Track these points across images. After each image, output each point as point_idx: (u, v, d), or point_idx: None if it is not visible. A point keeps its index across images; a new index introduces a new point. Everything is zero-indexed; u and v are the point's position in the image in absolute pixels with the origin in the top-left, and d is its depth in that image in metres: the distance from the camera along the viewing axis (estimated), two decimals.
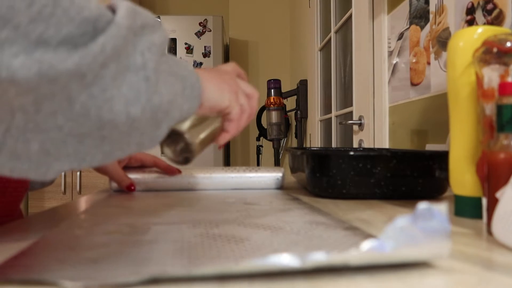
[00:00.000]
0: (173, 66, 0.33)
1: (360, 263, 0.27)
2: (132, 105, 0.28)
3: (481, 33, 0.47)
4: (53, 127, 0.26)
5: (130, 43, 0.28)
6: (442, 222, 0.26)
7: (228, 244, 0.35)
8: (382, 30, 1.36)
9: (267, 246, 0.34)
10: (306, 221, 0.45)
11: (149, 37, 0.30)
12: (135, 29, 0.29)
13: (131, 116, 0.29)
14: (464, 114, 0.48)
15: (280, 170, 0.78)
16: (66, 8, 0.24)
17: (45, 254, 0.32)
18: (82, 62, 0.24)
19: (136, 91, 0.29)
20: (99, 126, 0.28)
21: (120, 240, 0.36)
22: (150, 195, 0.70)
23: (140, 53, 0.29)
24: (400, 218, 0.26)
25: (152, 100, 0.30)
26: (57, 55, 0.23)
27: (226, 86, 0.43)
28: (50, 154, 0.27)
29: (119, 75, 0.27)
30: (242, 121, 0.47)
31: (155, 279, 0.25)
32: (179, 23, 3.05)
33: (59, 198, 2.88)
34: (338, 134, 2.00)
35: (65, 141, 0.27)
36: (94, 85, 0.26)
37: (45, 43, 0.23)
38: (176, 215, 0.49)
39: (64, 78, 0.24)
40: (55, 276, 0.26)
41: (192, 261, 0.30)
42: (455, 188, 0.50)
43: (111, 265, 0.29)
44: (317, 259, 0.25)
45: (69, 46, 0.24)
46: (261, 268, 0.25)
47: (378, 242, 0.26)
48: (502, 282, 0.26)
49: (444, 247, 0.27)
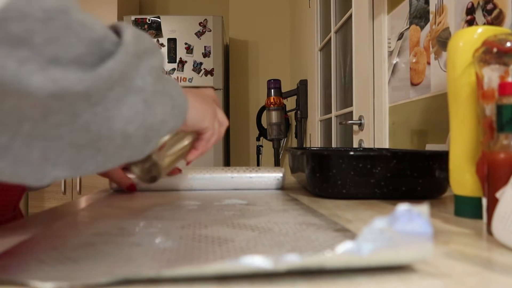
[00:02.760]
0: (166, 87, 0.36)
1: (337, 266, 0.26)
2: (129, 124, 0.31)
3: (481, 33, 0.47)
4: (55, 136, 0.28)
5: (133, 67, 0.31)
6: (423, 225, 0.26)
7: (212, 245, 0.35)
8: (382, 30, 1.36)
9: (251, 248, 0.34)
10: (297, 222, 0.45)
11: (149, 60, 0.33)
12: (139, 53, 0.31)
13: (127, 134, 0.31)
14: (464, 114, 0.48)
15: (280, 170, 0.78)
16: (76, 30, 0.26)
17: (27, 254, 0.32)
18: (92, 85, 0.27)
19: (134, 111, 0.31)
20: (97, 139, 0.30)
21: (107, 240, 0.37)
22: (149, 195, 0.70)
23: (141, 77, 0.31)
24: (378, 220, 0.25)
25: (147, 120, 0.32)
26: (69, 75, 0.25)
27: (208, 109, 0.47)
28: (49, 161, 0.28)
29: (121, 97, 0.30)
30: (210, 143, 0.52)
31: (155, 280, 0.25)
32: (179, 23, 3.05)
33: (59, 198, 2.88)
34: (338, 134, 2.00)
35: (64, 150, 0.29)
36: (99, 105, 0.28)
37: (57, 62, 0.25)
38: (169, 216, 0.49)
39: (73, 98, 0.26)
40: (29, 276, 0.26)
41: (171, 263, 0.30)
42: (455, 188, 0.50)
43: (89, 265, 0.29)
44: (291, 261, 0.24)
45: (78, 65, 0.26)
46: (233, 270, 0.25)
47: (355, 244, 0.25)
48: (502, 282, 0.26)
49: (425, 250, 0.26)
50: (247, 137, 3.55)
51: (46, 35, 0.24)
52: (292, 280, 0.26)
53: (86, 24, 0.27)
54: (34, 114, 0.26)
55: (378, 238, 0.25)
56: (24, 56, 0.24)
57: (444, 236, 0.39)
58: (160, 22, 3.04)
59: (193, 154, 0.52)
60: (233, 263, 0.24)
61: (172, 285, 0.25)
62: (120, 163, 0.34)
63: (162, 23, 3.04)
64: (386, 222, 0.25)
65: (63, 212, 0.54)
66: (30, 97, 0.25)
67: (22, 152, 0.27)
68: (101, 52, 0.28)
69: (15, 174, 0.28)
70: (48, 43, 0.24)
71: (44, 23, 0.24)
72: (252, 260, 0.24)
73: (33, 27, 0.24)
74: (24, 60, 0.24)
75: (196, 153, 0.53)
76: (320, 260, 0.25)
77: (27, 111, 0.26)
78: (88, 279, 0.25)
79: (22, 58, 0.24)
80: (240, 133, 3.55)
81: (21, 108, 0.25)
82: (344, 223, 0.45)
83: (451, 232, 0.41)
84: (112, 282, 0.25)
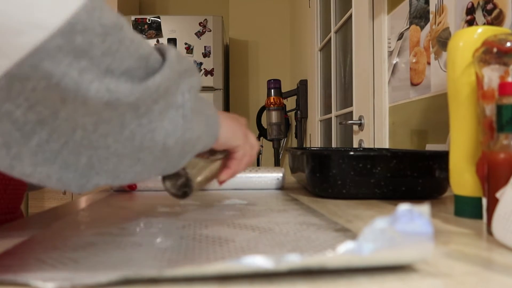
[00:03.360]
0: (203, 106, 0.38)
1: (338, 266, 0.26)
2: (169, 137, 0.33)
3: (481, 33, 0.47)
4: (102, 145, 0.30)
5: (175, 84, 0.33)
6: (424, 225, 0.26)
7: (212, 245, 0.35)
8: (382, 30, 1.36)
9: (251, 248, 0.34)
10: (298, 222, 0.45)
11: (189, 80, 0.35)
12: (180, 72, 0.34)
13: (166, 146, 0.33)
14: (464, 114, 0.48)
15: (280, 170, 0.78)
16: (128, 46, 0.28)
17: (28, 254, 0.32)
18: (141, 97, 0.29)
19: (174, 125, 0.33)
20: (139, 150, 0.32)
21: (107, 240, 0.37)
22: (149, 195, 0.70)
23: (181, 94, 0.34)
24: (379, 220, 0.25)
25: (185, 135, 0.34)
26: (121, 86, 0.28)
27: (239, 130, 0.49)
28: (94, 168, 0.30)
29: (164, 111, 0.32)
30: (243, 163, 0.52)
31: (155, 280, 0.25)
32: (179, 23, 3.05)
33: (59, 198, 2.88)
34: (338, 134, 2.00)
35: (108, 158, 0.31)
36: (144, 116, 0.30)
37: (111, 74, 0.27)
38: (170, 216, 0.49)
39: (123, 108, 0.28)
40: (31, 276, 0.26)
41: (172, 262, 0.30)
42: (455, 188, 0.50)
43: (90, 265, 0.29)
44: (292, 261, 0.24)
45: (127, 77, 0.28)
46: (235, 270, 0.25)
47: (356, 244, 0.25)
48: (502, 282, 0.26)
49: (426, 250, 0.26)
50: None
51: (103, 48, 0.27)
52: (292, 280, 0.26)
53: (136, 41, 0.29)
54: (87, 123, 0.28)
55: (379, 238, 0.25)
56: (84, 66, 0.26)
57: (444, 236, 0.39)
58: (160, 22, 3.04)
59: (226, 173, 0.52)
60: (234, 263, 0.24)
61: (172, 285, 0.25)
62: (155, 174, 0.36)
63: (162, 23, 3.04)
64: (387, 222, 0.25)
65: (63, 212, 0.54)
66: (86, 105, 0.27)
67: (71, 159, 0.29)
68: (147, 67, 0.30)
69: (61, 180, 0.29)
70: (105, 55, 0.27)
71: (102, 37, 0.26)
72: (253, 260, 0.24)
73: (93, 40, 0.26)
74: (84, 69, 0.26)
75: (229, 171, 0.52)
76: (322, 260, 0.25)
77: (80, 119, 0.28)
78: (90, 279, 0.25)
79: (82, 67, 0.26)
80: None
81: (76, 116, 0.27)
82: (344, 223, 0.45)
83: (451, 232, 0.41)
84: (114, 282, 0.25)
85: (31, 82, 0.25)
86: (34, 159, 0.28)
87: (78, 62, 0.26)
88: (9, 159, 0.27)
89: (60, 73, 0.25)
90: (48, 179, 0.29)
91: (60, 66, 0.25)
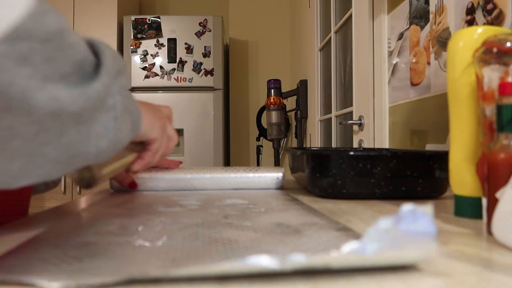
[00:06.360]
0: (129, 104, 0.38)
1: (342, 265, 0.26)
2: (101, 139, 0.33)
3: (481, 33, 0.47)
4: (39, 153, 0.29)
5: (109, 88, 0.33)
6: (427, 224, 0.26)
7: (215, 245, 0.35)
8: (382, 30, 1.36)
9: (254, 247, 0.34)
10: (299, 222, 0.45)
11: (120, 80, 0.35)
12: (114, 74, 0.34)
13: (100, 149, 0.34)
14: (464, 114, 0.48)
15: (280, 170, 0.78)
16: (66, 52, 0.28)
17: (32, 254, 0.32)
18: (84, 105, 0.29)
19: (105, 128, 0.33)
20: (74, 156, 0.32)
21: (109, 240, 0.37)
22: (149, 195, 0.70)
23: (112, 96, 0.34)
24: (383, 219, 0.25)
25: (117, 135, 0.35)
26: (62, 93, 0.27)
27: (158, 122, 0.50)
28: (25, 174, 0.30)
29: (98, 116, 0.32)
30: (157, 155, 0.54)
31: (156, 280, 0.25)
32: (179, 23, 3.05)
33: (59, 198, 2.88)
34: (338, 134, 2.00)
35: (43, 165, 0.30)
36: (84, 124, 0.31)
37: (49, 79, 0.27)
38: (171, 216, 0.49)
39: (66, 116, 0.28)
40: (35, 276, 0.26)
41: (176, 262, 0.30)
42: (455, 188, 0.50)
43: (94, 264, 0.29)
44: (297, 260, 0.24)
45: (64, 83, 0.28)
46: (239, 270, 0.25)
47: (360, 244, 0.25)
48: (502, 282, 0.26)
49: (429, 250, 0.26)
50: (247, 137, 3.55)
51: (44, 55, 0.26)
52: (292, 280, 0.26)
53: (74, 46, 0.29)
54: (27, 132, 0.27)
55: (383, 238, 0.25)
56: (28, 74, 0.25)
57: (444, 236, 0.39)
58: (160, 22, 3.04)
59: (138, 163, 0.54)
60: (239, 263, 0.24)
61: (173, 285, 0.25)
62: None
63: (162, 23, 3.04)
64: (391, 222, 0.25)
65: (64, 212, 0.54)
66: (30, 114, 0.26)
67: (2, 166, 0.28)
68: (80, 72, 0.30)
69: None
70: (44, 62, 0.26)
71: (43, 44, 0.26)
72: (258, 260, 0.24)
73: (35, 47, 0.26)
74: (28, 77, 0.25)
75: (141, 162, 0.54)
76: (326, 260, 0.25)
77: (21, 129, 0.27)
78: (94, 279, 0.25)
79: (28, 75, 0.25)
80: (240, 133, 3.55)
81: (17, 125, 0.27)
82: (344, 223, 0.45)
83: (451, 232, 0.41)
84: (119, 282, 0.25)
85: None
86: None
87: (22, 69, 0.25)
88: None
89: (7, 80, 0.24)
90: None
91: (5, 73, 0.24)
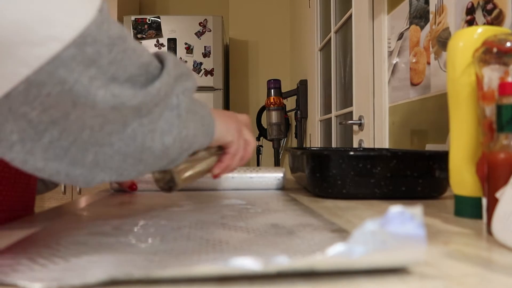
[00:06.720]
0: (197, 107, 0.41)
1: (327, 268, 0.25)
2: (166, 135, 0.36)
3: (481, 33, 0.47)
4: (107, 143, 0.33)
5: (171, 88, 0.36)
6: (416, 227, 0.25)
7: (206, 247, 0.35)
8: (382, 30, 1.36)
9: (244, 249, 0.34)
10: (294, 223, 0.44)
11: (184, 83, 0.38)
12: (176, 77, 0.37)
13: (165, 145, 0.36)
14: (464, 114, 0.48)
15: (281, 170, 0.78)
16: (130, 55, 0.31)
17: (20, 254, 0.32)
18: (143, 100, 0.32)
19: (170, 125, 0.36)
20: (141, 150, 0.35)
21: (100, 241, 0.37)
22: (149, 195, 0.70)
23: (176, 96, 0.37)
24: (370, 222, 0.25)
25: (182, 133, 0.38)
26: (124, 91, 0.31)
27: (232, 125, 0.52)
28: (99, 165, 0.33)
29: (161, 112, 0.35)
30: (236, 158, 0.54)
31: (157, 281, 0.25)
32: (179, 23, 3.05)
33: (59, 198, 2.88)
34: (338, 134, 2.00)
35: (113, 156, 0.33)
36: (145, 117, 0.34)
37: (116, 81, 0.30)
38: (167, 216, 0.49)
39: (127, 110, 0.32)
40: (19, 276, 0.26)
41: (162, 263, 0.30)
42: (455, 188, 0.50)
43: (81, 265, 0.29)
44: (280, 263, 0.24)
45: (131, 83, 0.32)
46: (223, 272, 0.24)
47: (346, 247, 0.24)
48: (502, 282, 0.26)
49: (418, 253, 0.25)
50: None
51: (110, 58, 0.30)
52: (292, 280, 0.26)
53: (137, 51, 0.33)
54: (94, 123, 0.31)
55: (370, 241, 0.24)
56: (93, 74, 0.29)
57: (444, 236, 0.39)
58: (160, 22, 3.03)
59: (218, 167, 0.55)
60: (222, 264, 0.24)
61: (173, 285, 0.25)
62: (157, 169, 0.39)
63: (162, 23, 3.04)
64: (378, 224, 0.25)
65: (62, 212, 0.54)
66: (94, 108, 0.30)
67: (78, 156, 0.32)
68: (147, 74, 0.33)
69: (69, 176, 0.32)
70: (111, 64, 0.30)
71: (109, 48, 0.29)
72: (241, 261, 0.24)
73: (101, 51, 0.29)
74: (93, 77, 0.29)
75: (221, 165, 0.54)
76: (310, 263, 0.25)
77: (88, 120, 0.31)
78: (77, 280, 0.25)
79: (92, 75, 0.29)
80: None
81: (84, 118, 0.30)
82: (344, 223, 0.45)
83: (451, 232, 0.41)
84: (102, 283, 0.25)
85: (46, 88, 0.28)
86: (45, 155, 0.30)
87: (88, 70, 0.28)
88: (23, 154, 0.30)
89: (73, 80, 0.28)
90: (58, 174, 0.31)
91: (73, 73, 0.28)
